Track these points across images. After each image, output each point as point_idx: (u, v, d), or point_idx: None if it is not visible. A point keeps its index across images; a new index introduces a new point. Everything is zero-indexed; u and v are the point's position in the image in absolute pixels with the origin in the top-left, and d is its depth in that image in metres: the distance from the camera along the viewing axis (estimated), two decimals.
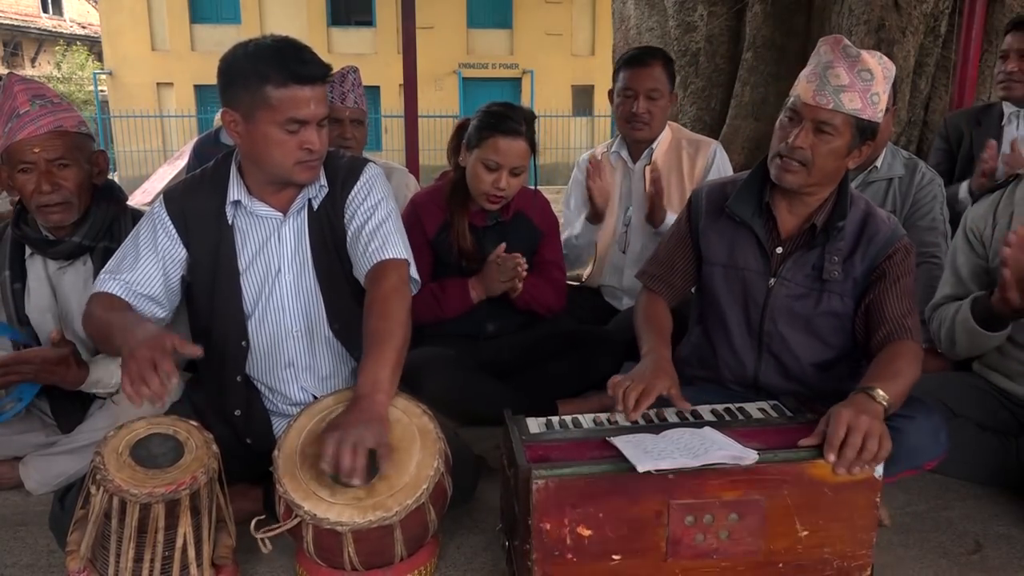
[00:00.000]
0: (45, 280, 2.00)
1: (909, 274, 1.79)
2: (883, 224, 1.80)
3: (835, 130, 1.68)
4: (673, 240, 2.00)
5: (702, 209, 1.94)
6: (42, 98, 1.89)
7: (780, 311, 1.84)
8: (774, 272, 1.83)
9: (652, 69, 2.64)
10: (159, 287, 1.75)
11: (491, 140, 2.21)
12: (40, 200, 1.87)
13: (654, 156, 2.73)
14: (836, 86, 1.66)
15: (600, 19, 18.08)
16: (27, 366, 1.76)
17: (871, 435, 1.42)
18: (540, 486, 1.34)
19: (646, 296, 2.00)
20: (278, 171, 1.70)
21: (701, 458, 1.38)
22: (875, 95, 1.68)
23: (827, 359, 1.87)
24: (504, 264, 2.23)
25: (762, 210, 1.84)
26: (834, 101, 1.66)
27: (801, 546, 1.43)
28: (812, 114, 1.69)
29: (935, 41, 4.39)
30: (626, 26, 5.68)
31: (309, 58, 1.64)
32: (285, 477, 1.49)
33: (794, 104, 1.73)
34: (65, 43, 24.74)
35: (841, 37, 1.69)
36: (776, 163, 1.76)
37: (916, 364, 1.67)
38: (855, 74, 1.66)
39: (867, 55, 1.66)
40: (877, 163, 2.61)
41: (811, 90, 1.69)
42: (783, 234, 1.84)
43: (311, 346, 1.83)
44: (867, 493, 1.43)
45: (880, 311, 1.75)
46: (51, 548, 1.73)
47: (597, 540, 1.37)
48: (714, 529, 1.40)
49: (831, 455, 1.41)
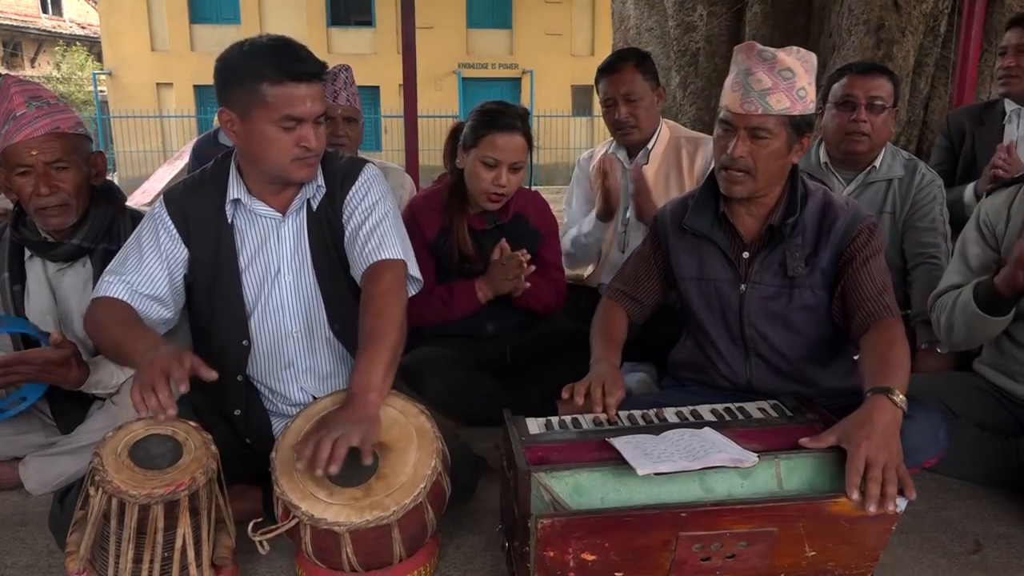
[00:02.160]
0: (45, 282, 2.00)
1: (878, 252, 1.80)
2: (842, 211, 1.81)
3: (769, 133, 1.71)
4: (639, 259, 2.03)
5: (667, 227, 1.96)
6: (39, 99, 1.88)
7: (756, 314, 1.86)
8: (743, 278, 1.85)
9: (624, 74, 2.65)
10: (164, 287, 1.74)
11: (488, 137, 2.21)
12: (38, 203, 1.86)
13: (651, 155, 2.73)
14: (760, 91, 1.69)
15: (600, 19, 18.08)
16: (28, 366, 1.76)
17: (889, 469, 1.36)
18: (545, 525, 1.28)
19: (604, 303, 2.01)
20: (275, 169, 1.70)
21: (701, 461, 1.37)
22: (801, 90, 1.70)
23: (809, 352, 1.88)
24: (509, 261, 2.23)
25: (719, 220, 1.86)
26: (762, 106, 1.69)
27: (806, 562, 1.40)
28: (744, 122, 1.71)
29: (935, 41, 4.39)
30: (626, 26, 5.68)
31: (304, 56, 1.65)
32: (282, 478, 1.49)
33: (725, 116, 1.76)
34: (65, 43, 24.75)
35: (754, 43, 1.72)
36: (722, 175, 1.79)
37: (905, 343, 1.66)
38: (776, 75, 1.68)
39: (782, 54, 1.69)
40: (876, 164, 2.61)
41: (737, 99, 1.71)
42: (746, 239, 1.86)
43: (311, 346, 1.83)
44: (884, 523, 1.37)
45: (856, 293, 1.76)
46: (51, 548, 1.73)
47: (600, 563, 1.34)
48: (721, 553, 1.36)
49: (854, 494, 1.34)
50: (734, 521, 1.33)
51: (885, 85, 2.53)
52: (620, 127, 2.70)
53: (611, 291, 2.04)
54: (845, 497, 1.35)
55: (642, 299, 2.00)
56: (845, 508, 1.35)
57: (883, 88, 2.52)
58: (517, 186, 2.30)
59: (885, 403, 1.47)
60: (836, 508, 1.35)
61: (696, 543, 1.34)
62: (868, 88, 2.51)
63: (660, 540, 1.33)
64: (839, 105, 2.56)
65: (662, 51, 5.24)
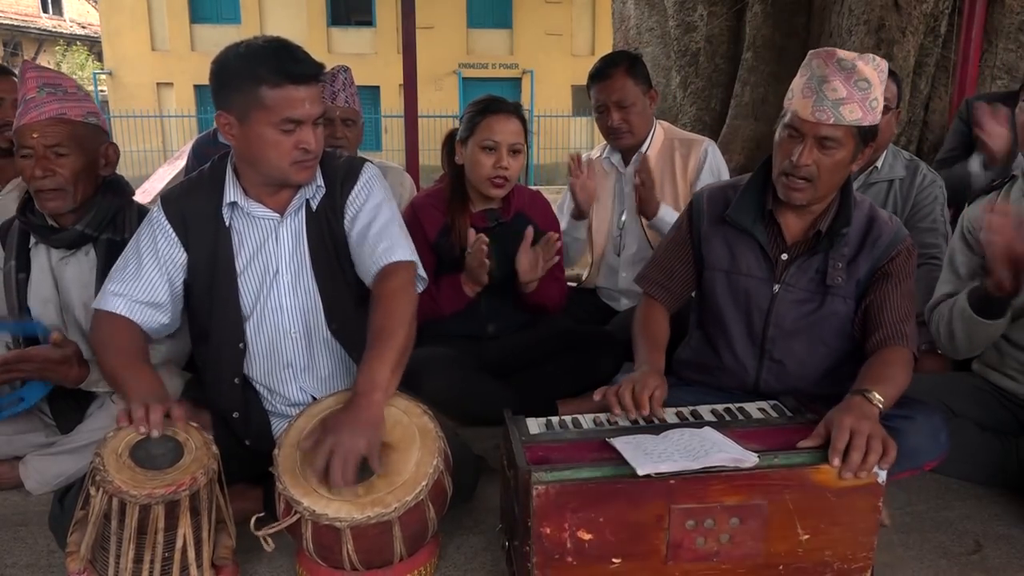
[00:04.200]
0: (48, 270, 2.00)
1: (911, 276, 1.79)
2: (886, 226, 1.80)
3: (838, 143, 1.67)
4: (673, 244, 1.99)
5: (703, 213, 1.92)
6: (53, 86, 1.89)
7: (784, 317, 1.84)
8: (778, 278, 1.83)
9: (615, 80, 2.62)
10: (163, 293, 1.75)
11: (484, 122, 2.24)
12: (34, 185, 1.88)
13: (645, 159, 2.73)
14: (835, 100, 1.64)
15: (600, 19, 18.09)
16: (29, 364, 1.77)
17: (874, 438, 1.41)
18: (540, 491, 1.33)
19: (645, 303, 1.99)
20: (274, 172, 1.69)
21: (701, 460, 1.37)
22: (874, 100, 1.66)
23: (829, 364, 1.87)
24: (472, 250, 2.19)
25: (764, 217, 1.83)
26: (835, 115, 1.64)
27: (802, 549, 1.43)
28: (813, 131, 1.66)
29: (935, 41, 4.39)
30: (626, 26, 5.68)
31: (302, 57, 1.64)
32: (285, 474, 1.49)
33: (792, 121, 1.70)
34: (65, 43, 24.74)
35: (834, 50, 1.66)
36: (782, 182, 1.74)
37: (908, 372, 1.67)
38: (852, 85, 1.64)
39: (861, 64, 1.63)
40: (878, 164, 2.61)
41: (809, 106, 1.66)
42: (788, 241, 1.83)
43: (309, 347, 1.83)
44: (869, 497, 1.42)
45: (879, 313, 1.75)
46: (51, 548, 1.73)
47: (597, 543, 1.37)
48: (715, 533, 1.39)
49: (836, 460, 1.40)
50: (722, 491, 1.37)
51: (890, 87, 2.52)
52: (613, 133, 2.70)
53: (647, 282, 2.00)
54: (828, 465, 1.40)
55: (675, 289, 1.98)
56: (830, 478, 1.40)
57: (888, 89, 2.52)
58: (518, 172, 2.31)
59: (861, 400, 1.53)
60: (820, 477, 1.41)
61: (688, 518, 1.37)
62: None
63: (653, 516, 1.36)
64: None
65: (662, 51, 5.24)
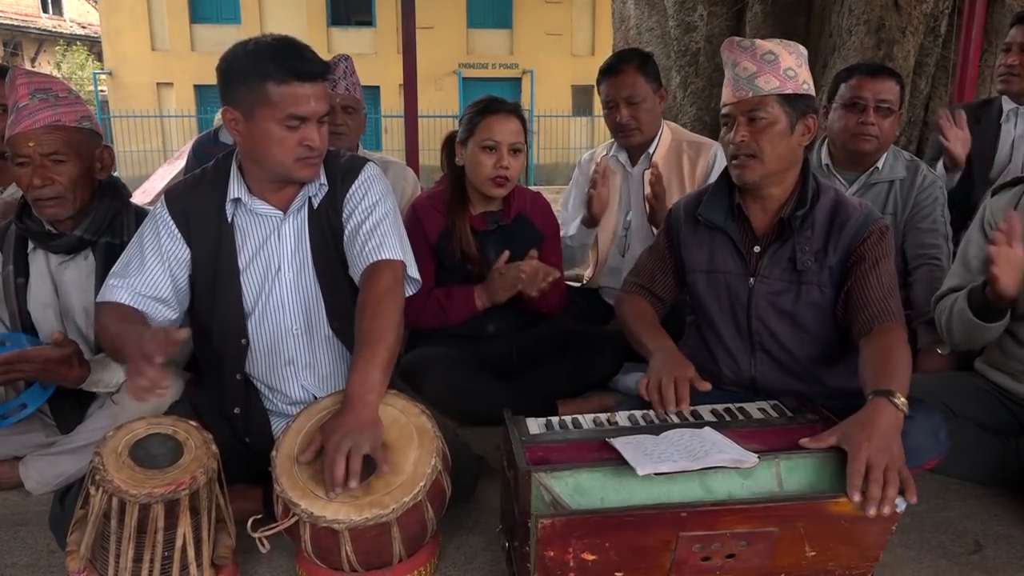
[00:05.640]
0: (47, 275, 2.00)
1: (888, 256, 1.80)
2: (854, 211, 1.82)
3: (766, 114, 1.76)
4: (654, 253, 2.06)
5: (680, 220, 1.99)
6: (44, 92, 1.89)
7: (764, 308, 1.87)
8: (753, 271, 1.87)
9: (626, 76, 2.63)
10: (167, 289, 1.76)
11: (484, 122, 2.25)
12: (33, 194, 1.88)
13: (653, 159, 2.73)
14: (747, 76, 1.76)
15: (600, 19, 18.08)
16: (30, 364, 1.77)
17: (890, 470, 1.35)
18: (545, 524, 1.28)
19: (628, 297, 2.03)
20: (279, 168, 1.70)
21: (701, 461, 1.37)
22: (789, 70, 1.75)
23: (818, 350, 1.88)
24: (506, 274, 2.24)
25: (734, 212, 1.89)
26: (752, 89, 1.75)
27: (806, 562, 1.40)
28: (739, 109, 1.77)
29: (935, 41, 4.39)
30: (626, 26, 5.68)
31: (309, 56, 1.66)
32: (283, 476, 1.49)
33: (723, 111, 1.82)
34: (65, 43, 24.72)
35: (733, 38, 1.83)
36: (732, 165, 1.83)
37: (907, 350, 1.67)
38: (759, 60, 1.75)
39: (761, 41, 1.77)
40: (879, 165, 2.60)
41: (730, 91, 1.79)
42: (758, 232, 1.87)
43: (311, 344, 1.83)
44: (884, 524, 1.37)
45: (861, 295, 1.76)
46: (51, 548, 1.73)
47: (601, 563, 1.34)
48: (721, 553, 1.36)
49: (856, 496, 1.33)
50: (734, 521, 1.32)
51: (893, 88, 2.53)
52: (621, 130, 2.69)
53: (627, 285, 2.06)
54: (846, 498, 1.34)
55: (659, 293, 2.02)
56: (846, 508, 1.35)
57: (891, 91, 2.52)
58: (519, 171, 2.31)
59: (886, 405, 1.47)
60: (837, 508, 1.35)
61: (696, 543, 1.34)
62: (877, 91, 2.50)
63: (660, 540, 1.33)
64: (847, 106, 2.54)
65: (662, 51, 5.24)
